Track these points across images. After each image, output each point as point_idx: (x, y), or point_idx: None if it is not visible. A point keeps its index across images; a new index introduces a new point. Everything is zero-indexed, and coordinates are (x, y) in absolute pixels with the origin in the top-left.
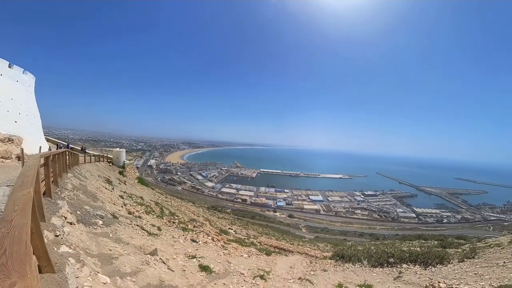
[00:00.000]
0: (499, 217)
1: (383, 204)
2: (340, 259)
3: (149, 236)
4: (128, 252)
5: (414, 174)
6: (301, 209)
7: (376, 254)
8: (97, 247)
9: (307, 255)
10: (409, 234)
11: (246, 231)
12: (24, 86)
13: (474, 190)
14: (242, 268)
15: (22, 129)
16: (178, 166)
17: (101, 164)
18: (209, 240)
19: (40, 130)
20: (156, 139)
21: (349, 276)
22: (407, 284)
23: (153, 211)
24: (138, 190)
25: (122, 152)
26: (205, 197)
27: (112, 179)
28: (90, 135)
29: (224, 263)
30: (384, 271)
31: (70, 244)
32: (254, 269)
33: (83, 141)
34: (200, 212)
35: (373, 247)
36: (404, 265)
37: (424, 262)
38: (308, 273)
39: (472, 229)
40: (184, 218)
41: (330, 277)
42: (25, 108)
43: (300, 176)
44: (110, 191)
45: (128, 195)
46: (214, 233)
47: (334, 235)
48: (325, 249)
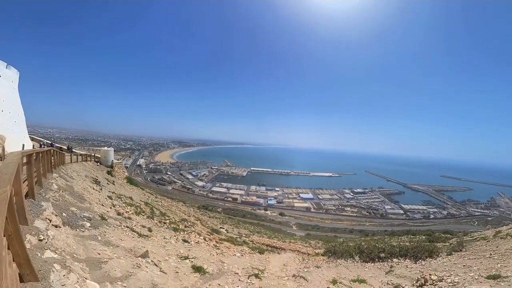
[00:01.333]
0: (483, 213)
1: (371, 201)
2: (333, 255)
3: (139, 238)
4: (118, 255)
5: (400, 172)
6: (292, 207)
7: (367, 249)
8: (85, 251)
9: (299, 252)
10: (397, 230)
11: (237, 230)
12: (7, 81)
13: (459, 187)
14: (236, 268)
15: (5, 127)
16: (168, 165)
17: (88, 164)
18: (201, 240)
19: (24, 128)
20: (146, 138)
21: (342, 271)
22: (399, 278)
23: (143, 212)
24: (127, 190)
25: (110, 151)
26: (195, 197)
27: (100, 179)
28: (76, 134)
29: (217, 263)
30: (376, 266)
31: (56, 249)
32: (248, 268)
33: (70, 140)
34: (191, 211)
35: (364, 243)
36: (395, 259)
37: (414, 256)
38: (302, 270)
39: (457, 224)
40: (175, 218)
41: (324, 273)
42: (8, 105)
43: (290, 174)
44: (98, 191)
45: (117, 196)
46: (205, 232)
47: (325, 232)
48: (316, 246)
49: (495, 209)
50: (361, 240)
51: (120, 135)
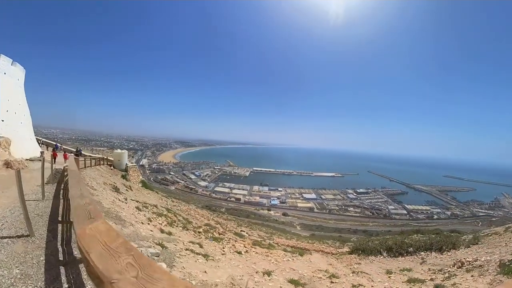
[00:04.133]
0: (487, 213)
1: (375, 202)
2: (362, 253)
3: (208, 262)
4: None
5: (403, 172)
6: (295, 207)
7: (396, 245)
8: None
9: (323, 252)
10: (407, 229)
11: (254, 231)
12: (13, 79)
13: (463, 187)
14: (311, 273)
15: (11, 129)
16: (171, 165)
17: (102, 168)
18: (241, 247)
19: (31, 129)
20: (148, 138)
21: (382, 265)
22: (435, 266)
23: (174, 222)
24: (146, 196)
25: (124, 154)
26: (199, 197)
27: (118, 186)
28: (79, 134)
29: (291, 271)
30: (407, 259)
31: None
32: (317, 271)
33: (73, 140)
34: (207, 214)
35: (389, 240)
36: (422, 252)
37: (438, 248)
38: (352, 267)
39: (461, 225)
40: (199, 223)
41: (371, 267)
42: (14, 105)
43: (293, 174)
44: (124, 202)
45: (143, 205)
46: (240, 239)
47: (329, 232)
48: (334, 246)
49: (499, 210)
50: (386, 238)
51: (122, 135)
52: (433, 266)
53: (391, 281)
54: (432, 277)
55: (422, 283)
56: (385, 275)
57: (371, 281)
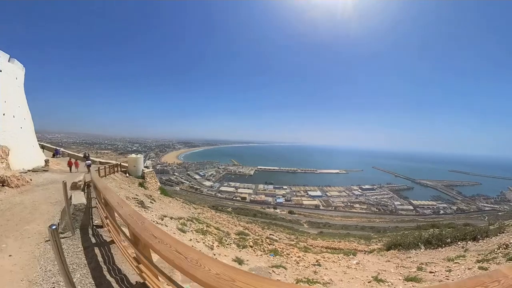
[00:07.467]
0: (493, 207)
1: (380, 198)
2: (402, 248)
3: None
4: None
5: (408, 168)
6: (301, 205)
7: (433, 237)
8: None
9: (355, 250)
10: (423, 224)
11: (281, 234)
12: (10, 77)
13: (468, 182)
14: (387, 276)
15: (9, 135)
16: (174, 166)
17: (117, 177)
18: (312, 259)
19: (33, 135)
20: (151, 139)
21: (430, 256)
22: (481, 251)
23: (221, 238)
24: (169, 205)
25: (139, 159)
26: (204, 197)
27: (141, 199)
28: (84, 138)
29: (386, 273)
30: (447, 250)
31: None
32: (377, 275)
33: (77, 144)
34: (230, 219)
35: (424, 233)
36: (459, 242)
37: (473, 238)
38: (403, 263)
39: (468, 219)
40: (231, 232)
41: (425, 259)
42: (12, 107)
43: (297, 172)
44: (163, 225)
45: (169, 218)
46: (284, 244)
47: (337, 230)
48: (360, 243)
49: (505, 204)
50: (421, 231)
51: (126, 138)
52: (477, 254)
53: (466, 264)
54: (494, 256)
55: (491, 261)
56: (448, 262)
57: (449, 270)
